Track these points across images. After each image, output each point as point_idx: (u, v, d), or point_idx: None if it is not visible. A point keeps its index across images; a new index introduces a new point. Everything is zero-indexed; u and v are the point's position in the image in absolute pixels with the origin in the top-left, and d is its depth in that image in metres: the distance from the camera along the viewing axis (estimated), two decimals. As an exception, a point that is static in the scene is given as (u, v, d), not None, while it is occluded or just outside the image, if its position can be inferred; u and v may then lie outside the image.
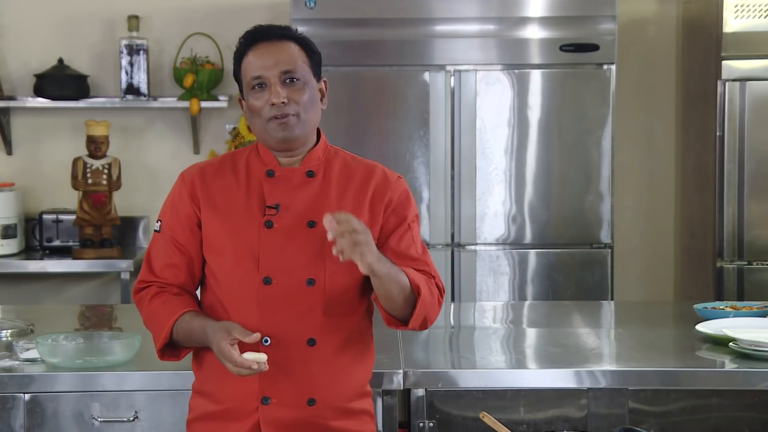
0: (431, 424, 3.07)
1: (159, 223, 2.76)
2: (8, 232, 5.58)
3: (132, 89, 5.69)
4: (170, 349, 2.71)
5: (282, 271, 2.62)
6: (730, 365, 3.16)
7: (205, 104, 5.68)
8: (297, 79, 2.64)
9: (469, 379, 3.10)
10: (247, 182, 2.70)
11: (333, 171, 2.72)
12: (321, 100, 2.72)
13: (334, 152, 2.76)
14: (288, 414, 2.64)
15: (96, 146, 5.52)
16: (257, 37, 2.68)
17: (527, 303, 4.90)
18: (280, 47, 2.66)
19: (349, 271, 2.60)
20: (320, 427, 2.66)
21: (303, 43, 2.69)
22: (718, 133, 5.18)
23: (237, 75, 2.72)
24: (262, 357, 2.52)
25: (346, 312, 2.68)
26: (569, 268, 5.19)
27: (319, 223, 2.61)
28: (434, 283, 2.71)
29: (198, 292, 2.79)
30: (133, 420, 3.04)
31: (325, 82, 2.74)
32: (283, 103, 2.62)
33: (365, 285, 2.69)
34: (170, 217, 2.74)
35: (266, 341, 2.62)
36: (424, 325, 2.67)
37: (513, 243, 5.19)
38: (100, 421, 3.03)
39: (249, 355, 2.51)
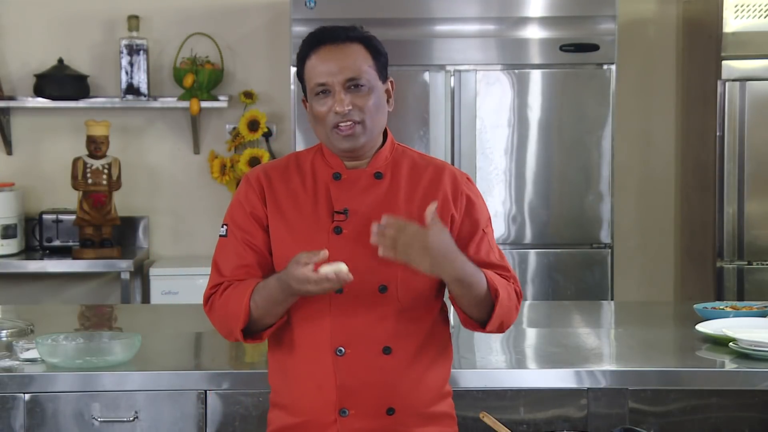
0: (431, 424, 3.07)
1: (225, 227, 2.65)
2: (8, 232, 5.58)
3: (132, 89, 5.69)
4: (250, 333, 2.60)
5: (354, 277, 2.52)
6: (730, 365, 3.16)
7: (205, 104, 5.68)
8: (362, 86, 2.56)
9: (469, 379, 3.10)
10: (314, 186, 2.62)
11: (401, 172, 2.64)
12: (387, 101, 2.64)
13: (401, 151, 2.68)
14: (367, 424, 2.57)
15: (96, 146, 5.52)
16: (321, 39, 2.58)
17: (527, 303, 4.88)
18: (345, 51, 2.56)
19: (421, 275, 2.53)
20: None
21: (369, 44, 2.60)
22: (718, 133, 5.18)
23: (300, 77, 2.63)
24: (341, 266, 2.42)
25: (421, 316, 2.61)
26: (569, 268, 5.19)
27: None
28: (513, 287, 2.65)
29: None
30: (133, 420, 3.04)
31: (391, 82, 2.65)
32: (348, 110, 2.54)
33: (439, 286, 2.63)
34: (240, 218, 2.63)
35: (341, 351, 2.56)
36: (500, 328, 2.63)
37: (513, 243, 5.19)
38: (100, 421, 3.03)
39: (324, 267, 2.41)
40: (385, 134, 2.67)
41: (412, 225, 2.44)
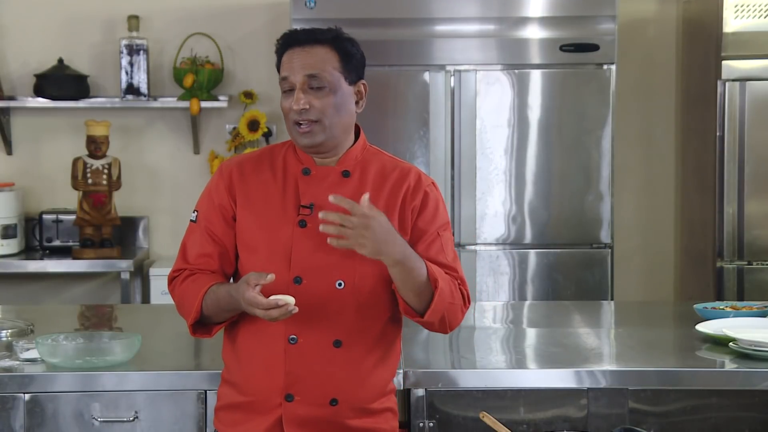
0: (431, 424, 3.07)
1: (195, 213, 2.77)
2: (8, 232, 5.58)
3: (132, 89, 5.69)
4: (201, 326, 2.73)
5: (313, 271, 2.64)
6: (730, 365, 3.16)
7: (205, 104, 5.68)
8: (323, 87, 2.64)
9: (469, 379, 3.11)
10: (283, 179, 2.71)
11: (369, 172, 2.72)
12: (357, 102, 2.71)
13: (373, 153, 2.77)
14: (310, 412, 2.67)
15: (96, 146, 5.52)
16: (289, 41, 2.71)
17: (527, 303, 4.90)
18: (309, 52, 2.66)
19: (379, 274, 2.63)
20: (340, 425, 2.69)
21: (338, 46, 2.68)
22: (718, 133, 5.18)
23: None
24: (289, 298, 2.53)
25: (375, 315, 2.69)
26: (569, 268, 5.19)
27: None
28: (458, 286, 2.70)
29: None
30: (133, 420, 3.04)
31: (364, 84, 2.72)
32: (304, 109, 2.63)
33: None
34: (207, 207, 2.75)
35: (293, 340, 2.65)
36: (442, 324, 2.68)
37: (513, 243, 5.19)
38: (100, 421, 3.03)
39: (274, 297, 2.53)
40: (358, 134, 2.76)
41: (354, 213, 2.49)
